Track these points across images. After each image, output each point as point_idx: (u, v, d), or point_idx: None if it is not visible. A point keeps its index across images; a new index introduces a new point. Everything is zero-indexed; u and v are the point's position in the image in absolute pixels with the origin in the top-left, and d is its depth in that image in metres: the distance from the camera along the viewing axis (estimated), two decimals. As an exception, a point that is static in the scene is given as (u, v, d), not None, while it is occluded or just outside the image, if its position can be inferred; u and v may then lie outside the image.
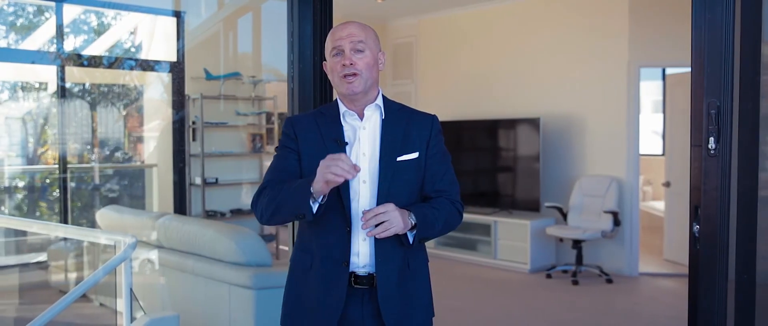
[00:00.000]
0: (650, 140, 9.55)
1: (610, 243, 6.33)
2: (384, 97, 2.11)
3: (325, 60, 2.10)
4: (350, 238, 1.99)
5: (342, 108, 2.05)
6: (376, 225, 1.87)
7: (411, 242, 1.99)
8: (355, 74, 1.97)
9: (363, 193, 2.00)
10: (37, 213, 6.62)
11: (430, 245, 7.21)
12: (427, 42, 7.99)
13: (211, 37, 6.92)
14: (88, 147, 7.26)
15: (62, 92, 6.29)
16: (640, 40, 6.18)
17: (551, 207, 6.42)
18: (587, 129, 6.51)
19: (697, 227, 2.03)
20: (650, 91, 10.33)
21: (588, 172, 6.50)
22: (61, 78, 6.18)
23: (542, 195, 6.58)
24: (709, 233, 1.99)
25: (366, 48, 2.00)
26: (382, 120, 2.05)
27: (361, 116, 2.04)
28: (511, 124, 6.86)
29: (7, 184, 6.72)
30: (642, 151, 6.53)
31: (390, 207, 1.88)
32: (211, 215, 6.64)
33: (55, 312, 3.10)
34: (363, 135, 2.03)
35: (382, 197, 1.99)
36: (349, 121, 2.04)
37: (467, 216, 6.98)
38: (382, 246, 1.99)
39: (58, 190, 6.29)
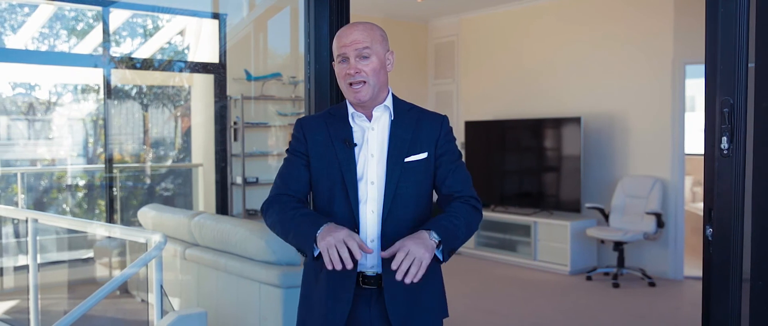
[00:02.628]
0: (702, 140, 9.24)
1: (653, 246, 6.16)
2: (394, 97, 2.10)
3: (333, 60, 2.10)
4: None
5: (350, 109, 2.05)
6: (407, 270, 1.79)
7: (442, 259, 1.92)
8: (362, 82, 1.96)
9: (371, 195, 2.00)
10: (96, 211, 6.85)
11: (469, 245, 7.20)
12: (469, 41, 7.92)
13: (251, 39, 7.02)
14: (143, 147, 7.49)
15: (115, 94, 6.51)
16: (686, 35, 5.98)
17: (592, 208, 6.28)
18: (630, 128, 6.34)
19: (709, 230, 1.95)
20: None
21: (631, 173, 6.33)
22: (110, 81, 6.38)
23: (583, 195, 6.44)
24: (722, 237, 1.92)
25: (371, 53, 1.97)
26: (391, 121, 2.04)
27: (370, 117, 2.04)
28: (552, 123, 6.74)
29: (69, 182, 6.99)
30: (694, 151, 6.33)
31: (406, 244, 1.80)
32: (251, 214, 6.74)
33: (86, 308, 3.20)
34: (371, 136, 2.03)
35: (389, 198, 1.99)
36: (357, 122, 2.04)
37: (507, 217, 6.90)
38: (387, 247, 1.98)
39: (112, 189, 6.50)
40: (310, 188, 2.08)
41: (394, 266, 1.78)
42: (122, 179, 6.93)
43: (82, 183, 7.06)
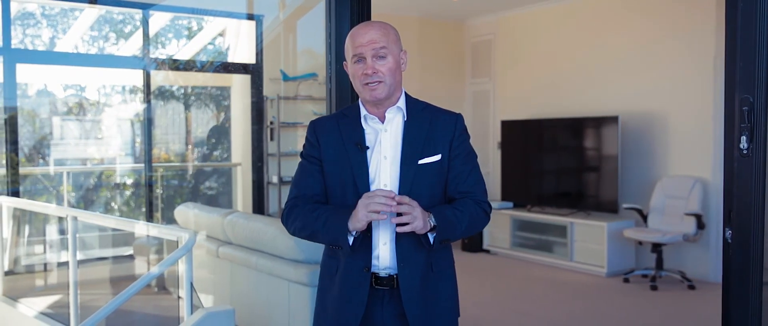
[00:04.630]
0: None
1: (694, 248, 6.00)
2: (408, 97, 2.09)
3: (344, 60, 2.10)
4: (371, 244, 1.99)
5: (363, 111, 2.04)
6: (399, 215, 1.86)
7: (431, 244, 1.96)
8: (378, 81, 1.96)
9: None
10: (143, 209, 7.03)
11: (504, 245, 7.14)
12: (506, 39, 7.85)
13: (287, 40, 7.10)
14: (186, 146, 7.67)
15: (157, 94, 6.66)
16: (728, 32, 5.81)
17: (630, 208, 6.15)
18: (669, 127, 6.20)
19: (729, 232, 1.90)
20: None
21: (670, 172, 6.18)
22: (151, 82, 6.54)
23: (621, 196, 6.32)
24: (742, 239, 1.86)
25: (388, 53, 1.97)
26: (405, 122, 2.03)
27: (383, 119, 2.02)
28: (589, 122, 6.63)
29: (118, 181, 7.20)
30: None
31: (415, 203, 1.88)
32: (287, 213, 6.80)
33: (117, 304, 3.29)
34: (384, 138, 2.01)
35: None
36: (370, 124, 2.03)
37: (544, 218, 6.82)
38: (402, 249, 1.98)
39: (151, 188, 6.65)
40: (325, 191, 2.08)
41: (398, 199, 1.86)
42: (164, 178, 7.09)
43: (126, 182, 7.25)
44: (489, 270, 6.67)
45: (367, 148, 2.00)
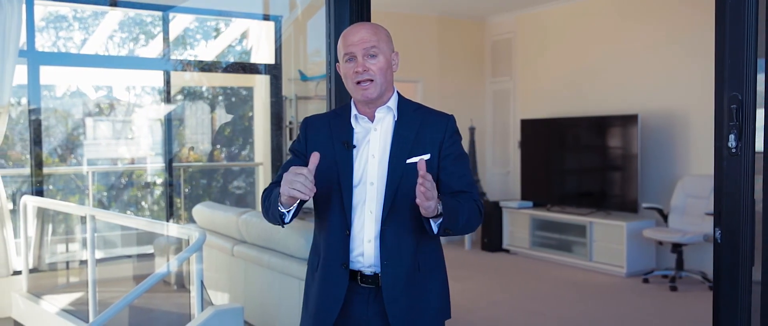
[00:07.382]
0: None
1: (715, 248, 5.89)
2: (400, 98, 2.09)
3: (337, 62, 2.12)
4: (349, 241, 1.99)
5: (354, 110, 2.05)
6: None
7: (436, 232, 1.92)
8: (369, 80, 1.96)
9: (370, 195, 1.99)
10: (174, 208, 7.15)
11: (523, 245, 7.07)
12: (526, 38, 7.80)
13: (303, 40, 7.14)
14: (212, 146, 7.78)
15: (182, 95, 6.76)
16: (751, 28, 5.69)
17: (650, 208, 6.07)
18: (690, 125, 6.09)
19: (718, 232, 1.88)
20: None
21: (692, 172, 6.08)
22: (169, 83, 6.64)
23: (641, 195, 6.24)
24: (731, 240, 1.84)
25: (379, 52, 1.97)
26: (395, 122, 2.03)
27: (373, 119, 2.03)
28: (608, 121, 6.56)
29: (148, 180, 7.33)
30: (760, 149, 6.01)
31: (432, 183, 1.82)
32: (306, 212, 6.84)
33: (128, 301, 3.36)
34: (374, 137, 2.02)
35: (389, 200, 1.97)
36: (361, 123, 2.04)
37: (563, 217, 6.76)
38: (387, 248, 1.98)
39: (171, 187, 6.75)
40: None
41: (426, 177, 1.77)
42: (190, 178, 7.20)
43: (156, 181, 7.37)
44: (508, 269, 6.63)
45: (354, 146, 2.01)
